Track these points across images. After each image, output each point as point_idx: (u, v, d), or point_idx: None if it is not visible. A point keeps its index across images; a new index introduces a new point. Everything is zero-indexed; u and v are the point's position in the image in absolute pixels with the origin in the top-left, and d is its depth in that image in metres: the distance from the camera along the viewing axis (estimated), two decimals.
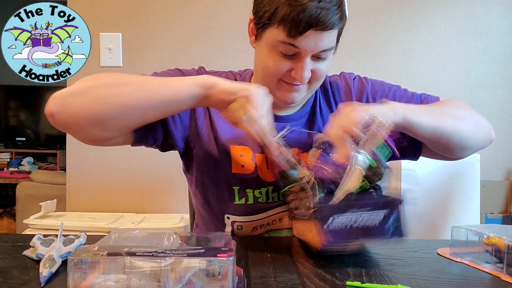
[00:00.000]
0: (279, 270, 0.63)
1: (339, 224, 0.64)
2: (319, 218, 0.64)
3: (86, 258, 0.47)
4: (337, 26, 0.78)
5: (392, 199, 0.67)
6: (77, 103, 0.71)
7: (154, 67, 1.78)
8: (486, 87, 1.87)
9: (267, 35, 0.81)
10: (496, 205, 1.89)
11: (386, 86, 0.99)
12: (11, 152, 4.63)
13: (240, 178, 0.87)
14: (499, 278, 0.62)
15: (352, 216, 0.64)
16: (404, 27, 1.84)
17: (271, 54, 0.81)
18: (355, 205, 0.64)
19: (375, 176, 0.68)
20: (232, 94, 0.71)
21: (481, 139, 0.90)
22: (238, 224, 0.89)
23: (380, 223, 0.65)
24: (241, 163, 0.87)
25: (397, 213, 0.65)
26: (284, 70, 0.82)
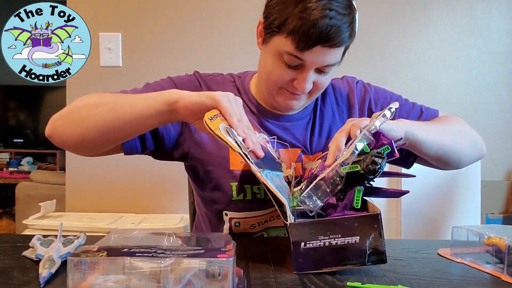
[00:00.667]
0: (279, 271, 0.63)
1: (310, 250, 0.60)
2: (290, 242, 0.61)
3: (85, 258, 0.46)
4: (345, 43, 0.79)
5: (368, 217, 0.61)
6: (63, 126, 0.80)
7: (153, 67, 1.79)
8: (486, 87, 1.87)
9: (274, 42, 0.80)
10: (497, 205, 1.89)
11: (388, 94, 1.00)
12: (11, 152, 4.64)
13: (239, 174, 0.87)
14: (500, 278, 0.62)
15: (325, 241, 0.60)
16: (405, 27, 1.84)
17: (276, 61, 0.81)
18: (327, 229, 0.60)
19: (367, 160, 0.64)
20: (199, 104, 0.68)
21: (476, 156, 0.95)
22: (235, 221, 0.88)
23: (355, 248, 0.60)
24: (240, 159, 0.87)
25: (374, 235, 0.60)
26: (287, 79, 0.82)
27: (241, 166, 0.87)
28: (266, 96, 0.90)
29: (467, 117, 1.87)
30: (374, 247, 0.60)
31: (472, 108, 1.87)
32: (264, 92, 0.90)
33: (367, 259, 0.61)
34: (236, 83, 0.96)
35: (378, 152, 0.64)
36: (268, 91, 0.88)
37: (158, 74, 1.77)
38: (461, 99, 1.87)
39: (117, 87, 1.79)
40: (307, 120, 0.94)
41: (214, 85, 0.93)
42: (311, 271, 0.61)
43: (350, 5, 0.77)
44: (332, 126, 0.94)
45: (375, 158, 0.63)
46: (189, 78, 0.94)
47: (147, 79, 1.86)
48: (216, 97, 0.67)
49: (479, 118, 1.87)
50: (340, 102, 0.96)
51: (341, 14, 0.74)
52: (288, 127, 0.92)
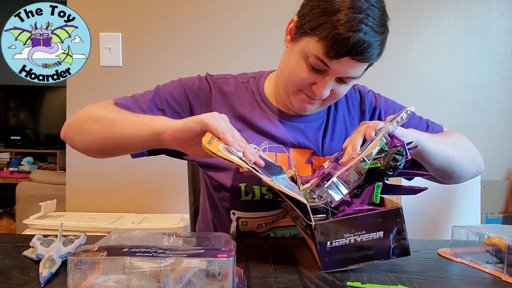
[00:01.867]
0: (279, 271, 0.63)
1: (337, 249, 0.61)
2: (315, 243, 0.62)
3: (86, 258, 0.46)
4: (372, 60, 0.81)
5: (390, 212, 0.63)
6: (71, 133, 0.86)
7: (154, 67, 1.79)
8: (486, 87, 1.87)
9: (304, 43, 0.81)
10: (497, 205, 1.89)
11: (397, 105, 1.03)
12: (11, 152, 4.63)
13: (247, 175, 0.87)
14: (500, 278, 0.62)
15: (350, 239, 0.61)
16: (405, 27, 1.84)
17: (300, 62, 0.82)
18: (351, 227, 0.61)
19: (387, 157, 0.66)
20: (187, 131, 0.67)
21: (475, 172, 0.98)
22: (243, 220, 0.89)
23: (380, 243, 0.62)
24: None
25: (397, 228, 0.62)
26: (307, 82, 0.83)
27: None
28: (282, 94, 0.91)
29: (467, 117, 1.87)
30: (397, 240, 0.62)
31: (472, 108, 1.87)
32: (281, 91, 0.91)
33: (392, 253, 0.63)
34: (249, 83, 0.96)
35: (398, 150, 0.66)
36: (285, 90, 0.89)
37: (158, 74, 1.78)
38: (461, 99, 1.87)
39: (117, 87, 1.80)
40: (320, 123, 0.95)
41: (226, 87, 0.94)
42: (338, 269, 0.62)
43: (385, 25, 0.79)
44: (344, 132, 0.96)
45: (396, 155, 0.65)
46: (200, 80, 0.94)
47: (147, 79, 1.87)
48: (204, 120, 0.66)
49: (479, 118, 1.88)
50: (351, 110, 0.98)
51: (375, 32, 0.76)
52: (301, 128, 0.93)
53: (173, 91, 0.91)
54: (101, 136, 0.80)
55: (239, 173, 0.88)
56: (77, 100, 1.78)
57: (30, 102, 4.79)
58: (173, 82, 0.94)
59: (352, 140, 0.72)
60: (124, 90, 1.78)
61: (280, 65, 0.90)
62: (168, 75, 1.79)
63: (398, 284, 0.56)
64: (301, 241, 0.81)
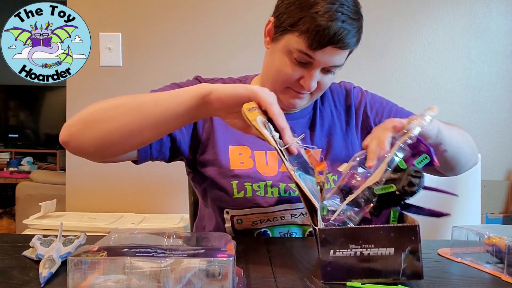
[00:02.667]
0: (279, 271, 0.63)
1: (340, 259, 0.56)
2: (319, 247, 0.57)
3: (86, 258, 0.46)
4: (353, 47, 0.84)
5: (405, 228, 0.57)
6: (80, 130, 0.74)
7: (154, 67, 1.79)
8: (486, 87, 1.87)
9: (285, 40, 0.84)
10: (497, 205, 1.89)
11: (384, 101, 1.04)
12: (11, 152, 4.63)
13: (239, 173, 0.88)
14: (500, 278, 0.62)
15: (356, 250, 0.55)
16: (404, 27, 1.84)
17: (285, 59, 0.85)
18: (359, 238, 0.55)
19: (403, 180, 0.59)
20: (234, 95, 0.66)
21: (473, 164, 0.99)
22: (238, 218, 0.89)
23: (389, 260, 0.55)
24: (240, 160, 0.90)
25: (411, 247, 0.56)
26: (295, 77, 0.85)
27: (241, 166, 0.89)
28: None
29: (467, 117, 1.87)
30: (410, 261, 0.56)
31: (472, 108, 1.87)
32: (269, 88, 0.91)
33: (401, 273, 0.56)
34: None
35: (416, 170, 0.59)
36: (273, 90, 0.88)
37: (158, 74, 1.78)
38: (461, 99, 1.87)
39: (117, 87, 1.80)
40: (307, 119, 0.97)
41: None
42: (339, 281, 0.57)
43: (359, 12, 0.83)
44: (331, 125, 0.98)
45: (412, 179, 0.58)
46: (192, 83, 0.94)
47: (147, 79, 1.87)
48: (255, 89, 0.66)
49: (479, 118, 1.88)
50: (337, 105, 1.01)
51: (352, 19, 0.80)
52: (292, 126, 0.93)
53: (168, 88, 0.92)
54: (128, 119, 0.71)
55: (230, 170, 0.88)
56: (77, 100, 1.78)
57: (30, 102, 4.79)
58: (167, 85, 0.95)
59: (380, 137, 0.66)
60: (124, 90, 1.79)
61: (264, 66, 0.93)
62: (168, 75, 1.79)
63: (398, 285, 0.56)
64: (301, 241, 0.81)
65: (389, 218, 0.62)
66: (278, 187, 0.88)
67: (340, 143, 0.96)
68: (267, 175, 0.89)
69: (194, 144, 0.91)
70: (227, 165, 0.89)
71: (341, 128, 0.98)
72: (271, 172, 0.90)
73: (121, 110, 0.72)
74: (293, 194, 0.88)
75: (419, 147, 0.62)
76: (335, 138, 0.96)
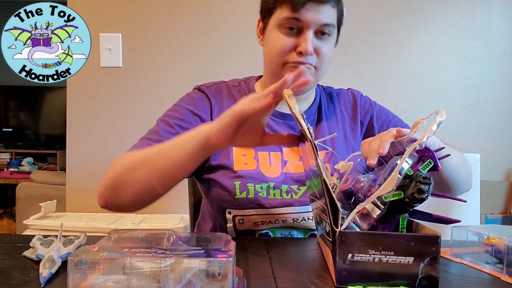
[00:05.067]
0: (279, 271, 0.63)
1: (357, 264, 0.54)
2: (335, 251, 0.55)
3: (86, 258, 0.46)
4: (332, 2, 0.86)
5: (426, 238, 0.55)
6: (114, 195, 0.81)
7: (154, 68, 1.79)
8: (486, 87, 1.88)
9: (273, 19, 0.89)
10: (496, 205, 1.89)
11: (390, 114, 1.04)
12: (11, 153, 4.64)
13: (242, 174, 0.89)
14: (499, 278, 0.62)
15: (375, 256, 0.54)
16: (404, 27, 1.84)
17: (277, 34, 0.88)
18: (379, 244, 0.54)
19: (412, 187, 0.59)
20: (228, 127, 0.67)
21: (467, 188, 0.99)
22: (239, 218, 0.89)
23: (407, 269, 0.54)
24: (244, 161, 0.90)
25: (429, 259, 0.54)
26: (289, 46, 0.87)
27: (244, 167, 0.90)
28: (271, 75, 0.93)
29: (466, 117, 1.87)
30: (427, 272, 0.54)
31: (471, 108, 1.88)
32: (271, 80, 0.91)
33: (418, 283, 0.55)
34: (241, 86, 1.00)
35: (424, 177, 0.59)
36: (274, 73, 0.91)
37: (158, 74, 1.78)
38: (460, 99, 1.87)
39: (117, 87, 1.80)
40: (311, 120, 0.97)
41: (219, 92, 0.97)
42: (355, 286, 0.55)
43: None
44: (336, 129, 0.98)
45: (421, 186, 0.58)
46: (195, 93, 0.96)
47: (147, 79, 1.87)
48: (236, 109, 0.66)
49: (478, 118, 1.88)
50: (343, 110, 1.01)
51: None
52: (293, 126, 0.95)
53: (178, 114, 0.93)
54: (148, 178, 0.77)
55: (233, 171, 0.89)
56: (77, 100, 1.78)
57: (30, 103, 4.79)
58: (171, 109, 0.96)
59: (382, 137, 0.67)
60: (124, 91, 1.79)
61: (264, 60, 0.96)
62: (168, 76, 1.80)
63: (400, 286, 0.56)
64: (301, 241, 0.81)
65: (398, 225, 0.62)
66: (280, 189, 0.88)
67: (342, 147, 0.96)
68: (270, 176, 0.89)
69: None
70: (231, 166, 0.90)
71: (344, 133, 0.98)
72: (274, 173, 0.90)
73: (140, 171, 0.77)
74: (295, 197, 0.88)
75: (424, 152, 0.61)
76: (337, 142, 0.96)
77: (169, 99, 1.85)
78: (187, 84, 1.82)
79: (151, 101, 1.78)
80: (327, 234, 0.60)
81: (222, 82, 1.00)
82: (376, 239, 0.55)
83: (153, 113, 1.91)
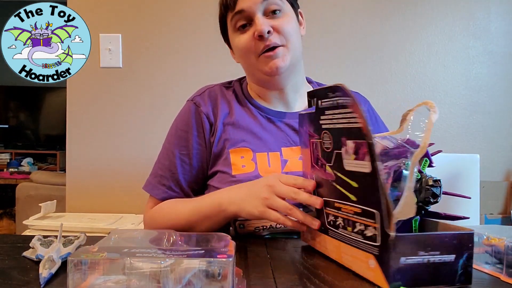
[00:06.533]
0: (279, 271, 0.63)
1: (408, 266, 0.55)
2: (387, 256, 0.54)
3: (86, 259, 0.46)
4: None
5: (465, 235, 0.58)
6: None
7: (154, 69, 1.79)
8: (485, 88, 1.88)
9: (228, 30, 0.95)
10: (496, 205, 1.89)
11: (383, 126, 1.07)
12: (11, 153, 4.64)
13: (240, 178, 0.88)
14: (499, 278, 0.62)
15: (424, 257, 0.55)
16: (404, 28, 1.84)
17: (236, 37, 0.93)
18: (428, 244, 0.55)
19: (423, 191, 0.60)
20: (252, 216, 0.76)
21: None
22: (239, 223, 0.89)
23: (449, 266, 0.56)
24: (242, 164, 0.89)
25: (468, 254, 0.57)
26: (251, 40, 0.89)
27: (242, 170, 0.89)
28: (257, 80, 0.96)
29: (466, 117, 1.87)
30: (465, 267, 0.57)
31: (471, 109, 1.88)
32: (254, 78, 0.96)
33: (457, 279, 0.57)
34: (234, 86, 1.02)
35: (434, 180, 0.60)
36: (253, 69, 0.94)
37: (158, 75, 1.78)
38: (460, 100, 1.87)
39: (117, 88, 1.80)
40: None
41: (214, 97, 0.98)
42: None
43: None
44: None
45: (433, 190, 0.59)
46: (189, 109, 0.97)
47: (147, 80, 1.86)
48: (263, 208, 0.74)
49: (478, 119, 1.88)
50: None
51: None
52: (291, 124, 0.95)
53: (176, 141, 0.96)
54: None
55: (232, 176, 0.89)
56: (77, 101, 1.78)
57: (30, 103, 4.79)
58: (171, 133, 0.98)
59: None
60: (124, 91, 1.79)
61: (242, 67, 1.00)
62: (168, 77, 1.80)
63: (400, 286, 0.56)
64: (301, 242, 0.81)
65: (411, 227, 0.63)
66: None
67: None
68: None
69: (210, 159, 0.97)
70: (229, 171, 0.90)
71: None
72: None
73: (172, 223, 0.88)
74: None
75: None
76: None
77: (169, 99, 1.85)
78: (187, 84, 1.82)
79: (151, 102, 1.78)
80: (365, 238, 0.59)
81: (215, 85, 1.01)
82: (425, 240, 0.55)
83: (153, 114, 1.91)
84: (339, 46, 1.82)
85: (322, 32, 1.80)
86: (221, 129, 0.93)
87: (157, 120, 1.76)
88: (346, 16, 1.83)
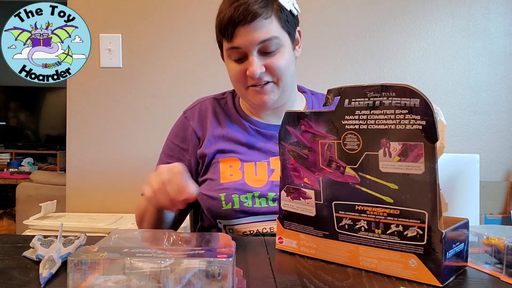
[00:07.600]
0: (279, 271, 0.63)
1: (452, 258, 0.59)
2: (440, 252, 0.57)
3: (86, 259, 0.47)
4: (261, 16, 0.83)
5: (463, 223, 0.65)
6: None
7: (154, 69, 1.79)
8: (485, 88, 1.88)
9: (224, 50, 0.91)
10: (496, 205, 1.89)
11: None
12: (11, 153, 4.64)
13: (227, 186, 0.90)
14: (499, 278, 0.62)
15: (456, 248, 0.60)
16: (404, 28, 1.84)
17: (229, 63, 0.90)
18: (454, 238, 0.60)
19: None
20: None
21: None
22: (229, 228, 0.91)
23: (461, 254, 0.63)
24: (230, 172, 0.92)
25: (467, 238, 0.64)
26: (242, 73, 0.88)
27: (230, 178, 0.91)
28: (246, 103, 0.97)
29: (466, 118, 1.88)
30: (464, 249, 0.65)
31: (470, 109, 1.88)
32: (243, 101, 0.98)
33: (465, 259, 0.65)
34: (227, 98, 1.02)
35: None
36: (242, 96, 0.95)
37: (158, 75, 1.78)
38: (459, 100, 1.87)
39: (117, 88, 1.80)
40: None
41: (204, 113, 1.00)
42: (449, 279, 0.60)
43: None
44: None
45: None
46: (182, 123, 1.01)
47: (147, 80, 1.86)
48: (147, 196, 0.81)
49: (478, 119, 1.88)
50: None
51: None
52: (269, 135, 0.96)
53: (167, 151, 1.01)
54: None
55: (219, 184, 0.90)
56: (77, 101, 1.78)
57: (30, 103, 4.79)
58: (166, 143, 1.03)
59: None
60: (125, 92, 1.79)
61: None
62: (168, 77, 1.80)
63: (400, 287, 0.57)
64: None
65: None
66: (266, 197, 0.88)
67: None
68: (255, 186, 0.89)
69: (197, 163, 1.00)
70: (217, 179, 0.91)
71: None
72: (260, 182, 0.90)
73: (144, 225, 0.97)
74: None
75: None
76: None
77: (169, 99, 1.85)
78: (187, 84, 1.82)
79: (151, 102, 1.78)
80: (405, 239, 0.59)
81: (207, 99, 1.02)
82: (457, 231, 0.61)
83: (153, 114, 1.91)
84: (338, 46, 1.81)
85: (321, 32, 1.80)
86: (212, 141, 0.95)
87: (157, 120, 1.76)
88: (346, 16, 1.83)
